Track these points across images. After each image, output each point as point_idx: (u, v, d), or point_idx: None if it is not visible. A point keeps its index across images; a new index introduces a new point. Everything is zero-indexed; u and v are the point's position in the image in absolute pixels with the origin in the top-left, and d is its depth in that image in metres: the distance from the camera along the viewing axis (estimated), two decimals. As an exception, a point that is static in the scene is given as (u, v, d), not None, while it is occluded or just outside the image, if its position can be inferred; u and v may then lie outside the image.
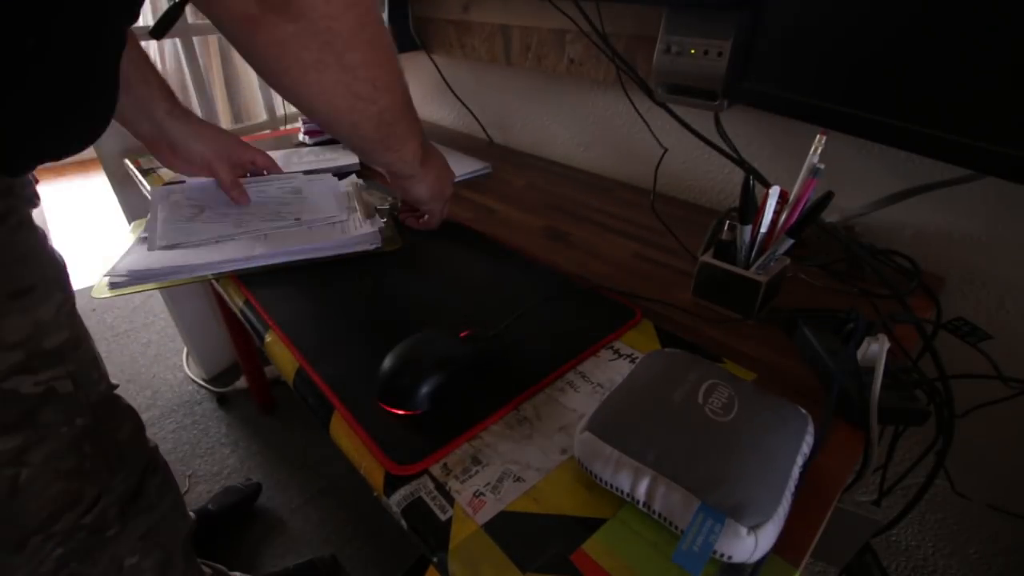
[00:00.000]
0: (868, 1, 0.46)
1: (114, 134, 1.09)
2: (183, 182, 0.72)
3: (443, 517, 0.34)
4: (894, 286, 0.50)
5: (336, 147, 0.97)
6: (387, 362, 0.42)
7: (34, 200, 0.44)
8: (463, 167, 0.89)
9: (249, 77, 1.83)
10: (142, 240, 0.61)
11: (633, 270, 0.61)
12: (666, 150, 0.82)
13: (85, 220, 2.53)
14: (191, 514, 0.79)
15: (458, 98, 1.14)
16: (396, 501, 0.35)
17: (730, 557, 0.29)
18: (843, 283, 0.57)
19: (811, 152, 0.46)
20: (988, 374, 0.46)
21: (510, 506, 0.34)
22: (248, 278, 0.58)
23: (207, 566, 0.80)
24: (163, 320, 1.77)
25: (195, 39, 1.25)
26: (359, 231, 0.63)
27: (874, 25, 0.46)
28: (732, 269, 0.50)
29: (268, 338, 0.50)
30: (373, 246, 0.62)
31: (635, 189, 0.84)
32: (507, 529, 0.33)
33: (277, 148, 1.03)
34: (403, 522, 0.34)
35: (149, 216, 0.65)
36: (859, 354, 0.42)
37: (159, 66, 1.93)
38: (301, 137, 1.04)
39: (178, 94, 0.63)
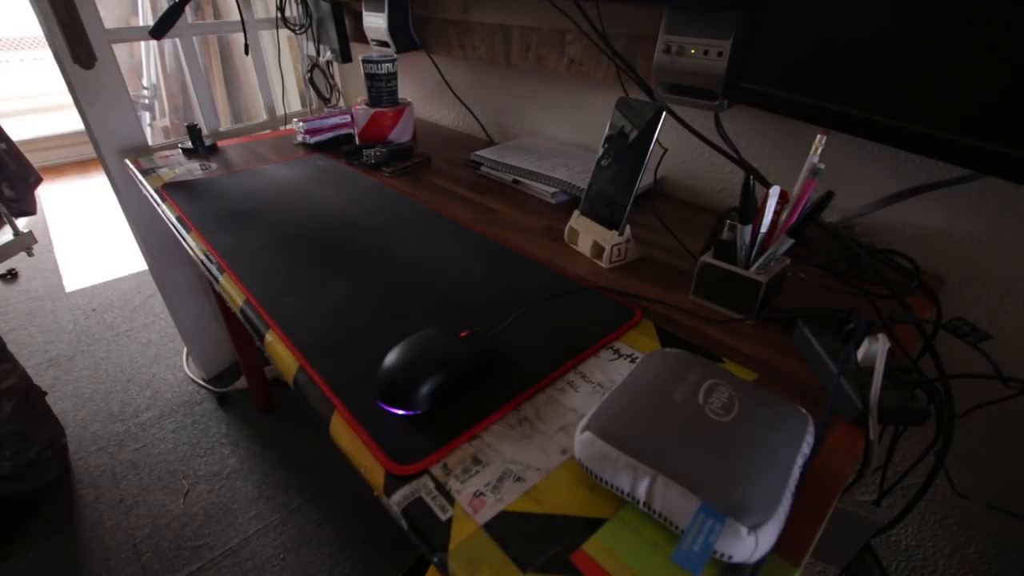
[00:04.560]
0: (868, 1, 0.46)
1: (114, 134, 1.10)
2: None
3: (443, 517, 0.34)
4: (894, 286, 0.50)
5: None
6: (387, 362, 0.42)
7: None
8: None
9: (249, 77, 1.83)
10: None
11: (633, 270, 0.61)
12: (666, 150, 0.82)
13: (85, 220, 2.53)
14: None
15: (458, 98, 1.14)
16: (396, 501, 0.35)
17: (730, 557, 0.29)
18: (843, 283, 0.57)
19: (811, 152, 0.46)
20: (988, 374, 0.46)
21: (510, 506, 0.34)
22: (248, 278, 0.58)
23: None
24: (163, 320, 1.77)
25: (195, 39, 1.25)
26: None
27: (875, 25, 0.46)
28: (732, 269, 0.51)
29: (268, 338, 0.50)
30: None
31: (635, 189, 0.84)
32: (507, 529, 0.33)
33: (277, 148, 1.03)
34: (403, 522, 0.34)
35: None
36: (859, 354, 0.42)
37: (159, 66, 1.94)
38: (300, 137, 1.04)
39: (178, 94, 0.64)
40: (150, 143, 1.19)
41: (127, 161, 0.96)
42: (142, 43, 2.03)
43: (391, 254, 0.63)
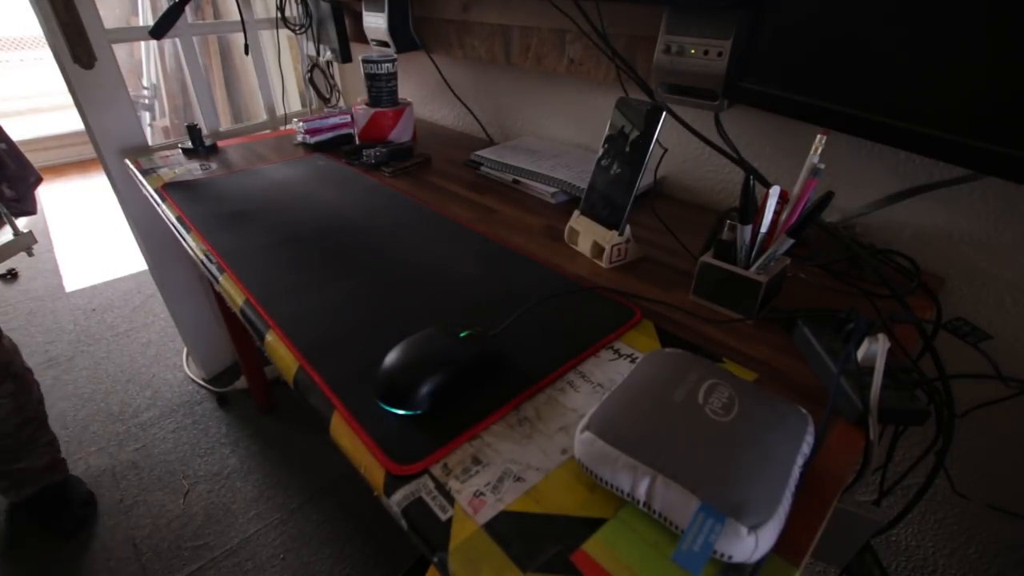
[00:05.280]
0: (868, 1, 0.46)
1: (114, 134, 1.10)
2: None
3: (443, 517, 0.34)
4: (894, 286, 0.50)
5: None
6: (387, 362, 0.42)
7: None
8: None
9: (249, 77, 1.83)
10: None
11: (633, 270, 0.61)
12: (666, 150, 0.82)
13: (85, 220, 2.53)
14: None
15: (458, 98, 1.14)
16: (396, 501, 0.35)
17: (730, 557, 0.29)
18: (843, 283, 0.57)
19: (811, 152, 0.46)
20: (988, 374, 0.46)
21: (510, 506, 0.34)
22: (248, 278, 0.58)
23: None
24: (163, 320, 1.77)
25: (195, 39, 1.25)
26: None
27: (874, 25, 0.46)
28: (732, 269, 0.50)
29: (268, 338, 0.50)
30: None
31: (635, 189, 0.84)
32: (507, 529, 0.33)
33: (277, 148, 1.03)
34: (403, 522, 0.34)
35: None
36: (859, 354, 0.42)
37: (159, 66, 1.94)
38: (300, 137, 1.04)
39: (178, 94, 0.64)
40: (150, 143, 1.19)
41: (127, 161, 0.96)
42: (142, 43, 2.03)
43: (391, 254, 0.63)
